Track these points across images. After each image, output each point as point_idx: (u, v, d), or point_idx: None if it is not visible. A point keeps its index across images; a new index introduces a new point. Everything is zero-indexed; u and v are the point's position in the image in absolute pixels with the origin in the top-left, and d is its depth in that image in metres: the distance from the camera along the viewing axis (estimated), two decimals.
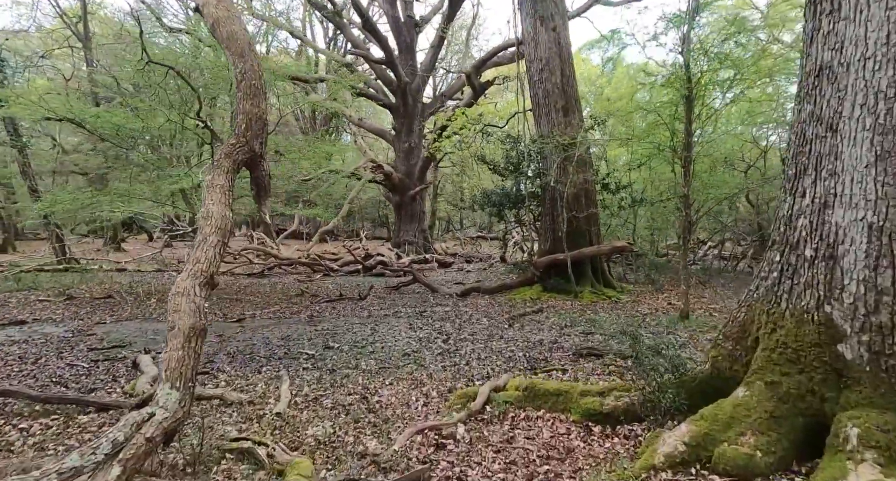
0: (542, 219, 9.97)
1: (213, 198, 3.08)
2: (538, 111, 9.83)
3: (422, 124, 21.23)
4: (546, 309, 8.07)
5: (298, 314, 7.81)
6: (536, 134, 9.86)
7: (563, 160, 9.10)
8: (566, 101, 9.53)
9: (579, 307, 8.26)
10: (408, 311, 8.06)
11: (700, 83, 6.60)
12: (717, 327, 6.75)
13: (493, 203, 10.06)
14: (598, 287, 9.26)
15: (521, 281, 9.74)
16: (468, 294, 9.79)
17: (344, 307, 8.58)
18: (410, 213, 20.66)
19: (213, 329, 6.61)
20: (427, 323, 7.08)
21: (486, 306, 8.52)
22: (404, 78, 19.14)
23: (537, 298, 8.96)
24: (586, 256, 9.13)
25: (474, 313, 7.84)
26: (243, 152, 3.43)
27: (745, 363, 2.64)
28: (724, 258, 14.59)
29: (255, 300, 9.17)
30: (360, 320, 7.33)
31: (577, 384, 3.21)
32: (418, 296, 10.07)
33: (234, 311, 7.94)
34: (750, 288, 2.83)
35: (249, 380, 4.23)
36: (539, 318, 7.35)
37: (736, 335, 2.76)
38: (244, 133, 3.46)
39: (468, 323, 7.08)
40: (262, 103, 3.55)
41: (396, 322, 7.16)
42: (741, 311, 2.81)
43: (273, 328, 6.68)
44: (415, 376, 4.38)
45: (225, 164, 3.25)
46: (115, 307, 8.02)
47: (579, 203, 9.39)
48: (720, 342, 2.84)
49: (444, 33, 18.68)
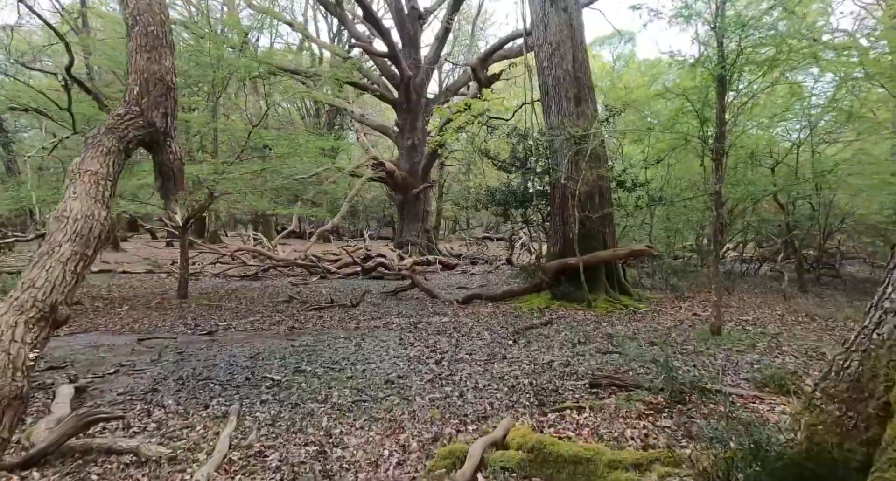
0: (551, 220, 9.08)
1: (78, 191, 2.17)
2: (547, 101, 8.94)
3: (426, 120, 20.42)
4: (556, 320, 7.19)
5: (279, 325, 7.02)
6: (545, 126, 8.98)
7: (575, 154, 8.21)
8: (578, 89, 8.63)
9: (593, 318, 7.37)
10: (401, 322, 7.23)
11: (736, 64, 5.68)
12: (755, 344, 5.85)
13: (497, 202, 9.19)
14: (613, 294, 8.36)
15: (528, 287, 8.86)
16: (470, 301, 8.95)
17: (332, 316, 7.78)
18: (414, 213, 19.84)
19: (178, 343, 5.84)
20: (421, 337, 6.24)
21: (489, 316, 7.67)
22: (407, 72, 18.32)
23: (546, 307, 8.08)
24: (601, 261, 8.23)
25: (475, 325, 6.99)
26: (136, 126, 2.54)
27: (868, 440, 1.77)
28: (745, 261, 13.61)
29: (237, 307, 8.40)
30: (345, 333, 6.51)
31: (603, 449, 2.37)
32: (416, 303, 9.25)
33: (209, 321, 7.17)
34: (865, 324, 1.95)
35: (188, 420, 3.42)
36: (548, 332, 6.48)
37: (847, 395, 1.88)
38: (137, 99, 2.58)
39: (467, 337, 6.23)
40: (166, 59, 2.63)
41: (386, 336, 6.33)
42: (852, 359, 1.93)
43: (245, 343, 5.88)
44: (394, 415, 3.54)
45: (105, 143, 2.37)
46: (77, 316, 7.28)
47: (592, 202, 8.49)
48: (819, 403, 1.96)
49: (448, 25, 17.82)
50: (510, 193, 9.04)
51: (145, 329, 6.60)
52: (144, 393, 4.00)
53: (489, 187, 10.63)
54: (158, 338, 6.07)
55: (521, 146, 8.75)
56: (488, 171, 33.07)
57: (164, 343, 5.77)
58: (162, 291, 9.89)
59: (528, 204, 9.15)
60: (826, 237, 11.25)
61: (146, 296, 9.19)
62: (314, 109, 26.03)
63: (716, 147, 6.07)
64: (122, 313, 7.56)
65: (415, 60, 19.18)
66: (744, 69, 5.78)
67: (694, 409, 3.38)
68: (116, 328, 6.58)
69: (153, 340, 5.97)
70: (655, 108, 10.53)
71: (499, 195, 9.12)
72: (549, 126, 8.79)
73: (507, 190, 9.21)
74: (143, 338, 5.97)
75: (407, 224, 19.94)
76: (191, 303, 8.64)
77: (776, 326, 6.79)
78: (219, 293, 10.14)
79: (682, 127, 7.01)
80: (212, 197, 8.66)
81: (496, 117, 11.10)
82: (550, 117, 8.82)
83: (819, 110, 9.94)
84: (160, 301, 8.62)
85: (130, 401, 3.81)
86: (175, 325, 6.81)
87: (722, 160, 6.06)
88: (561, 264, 8.41)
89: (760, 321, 7.15)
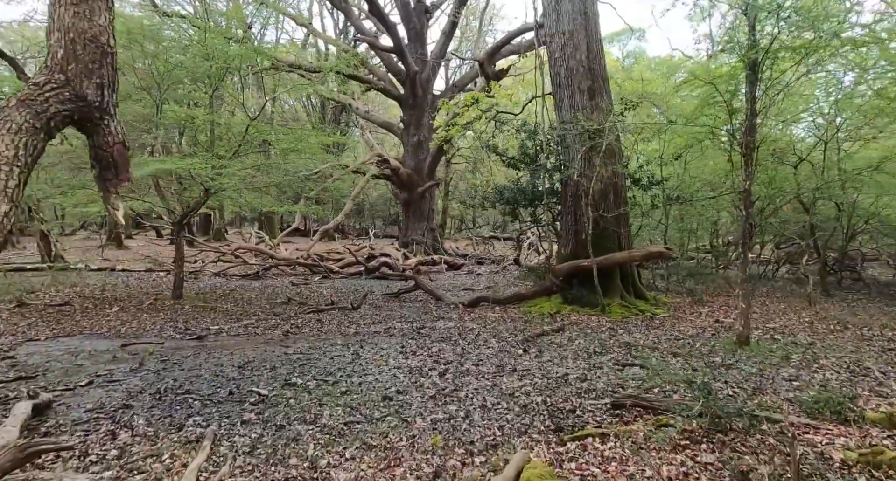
0: (562, 219, 8.62)
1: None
2: (559, 94, 8.46)
3: (432, 117, 19.98)
4: (568, 326, 6.73)
5: (274, 329, 6.62)
6: (557, 120, 8.50)
7: (589, 150, 7.74)
8: (592, 80, 8.14)
9: (608, 325, 6.90)
10: (403, 327, 6.81)
11: (769, 50, 5.18)
12: (788, 356, 5.35)
13: (506, 200, 8.73)
14: (628, 299, 7.88)
15: (538, 290, 8.41)
16: (476, 304, 8.52)
17: (331, 319, 7.37)
18: (419, 211, 19.42)
19: (164, 349, 5.45)
20: (423, 344, 5.81)
21: (497, 321, 7.22)
22: (413, 67, 17.89)
23: (557, 312, 7.62)
24: (616, 263, 7.76)
25: (482, 331, 6.55)
26: (60, 99, 2.00)
27: None
28: (765, 263, 13.06)
29: (233, 309, 8.02)
30: (343, 339, 6.10)
31: None
32: (420, 306, 8.83)
33: (201, 324, 6.79)
34: None
35: (156, 446, 3.01)
36: (560, 340, 6.02)
37: None
38: (62, 65, 2.03)
39: (473, 345, 5.79)
40: (100, 15, 2.06)
41: (387, 343, 5.91)
42: None
43: (235, 350, 5.48)
44: (391, 441, 3.12)
45: (15, 119, 1.84)
46: (63, 318, 6.93)
47: (607, 200, 8.02)
48: None
49: (455, 19, 17.35)
50: (519, 191, 8.58)
51: (132, 332, 6.23)
52: (115, 410, 3.60)
53: (497, 185, 10.17)
54: (144, 343, 5.70)
55: (532, 142, 8.28)
56: (496, 169, 32.61)
57: (150, 348, 5.38)
58: (157, 291, 9.54)
59: (537, 202, 8.69)
60: (849, 238, 10.70)
61: (139, 296, 8.84)
62: (319, 105, 25.67)
63: (745, 141, 5.58)
64: (111, 315, 7.20)
65: (421, 56, 18.74)
66: (777, 55, 5.28)
67: (738, 440, 2.92)
68: (102, 331, 6.21)
69: (138, 345, 5.59)
70: (672, 102, 10.02)
71: (507, 193, 8.66)
72: (560, 120, 8.31)
73: (516, 188, 8.75)
74: (128, 343, 5.59)
75: (412, 223, 19.53)
76: (185, 303, 8.27)
77: (807, 335, 6.29)
78: (216, 293, 9.77)
79: (707, 120, 6.51)
80: (207, 194, 8.27)
81: (505, 112, 10.65)
82: (562, 111, 8.34)
83: (845, 103, 9.37)
84: (153, 301, 8.26)
85: (97, 421, 3.41)
86: (164, 328, 6.43)
87: (752, 155, 5.57)
88: (573, 266, 7.94)
89: (789, 329, 6.64)
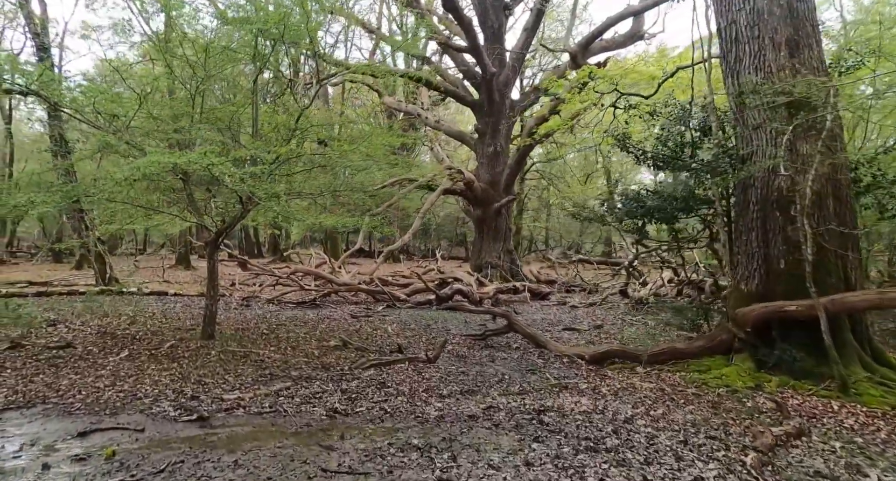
0: (738, 236, 5.76)
1: None
2: (733, 54, 5.73)
3: (510, 124, 17.69)
4: (803, 423, 3.89)
5: (316, 401, 4.37)
6: (730, 91, 5.76)
7: (794, 130, 4.94)
8: (794, 27, 5.36)
9: (864, 418, 3.98)
10: (510, 405, 4.30)
11: None
12: None
13: (647, 210, 6.04)
14: (871, 366, 4.85)
15: (706, 345, 5.57)
16: (604, 361, 5.86)
17: (399, 381, 5.04)
18: (495, 230, 16.99)
19: (137, 447, 3.35)
20: (560, 455, 3.27)
21: (658, 399, 4.51)
22: (490, 68, 15.77)
23: (755, 386, 4.75)
24: (852, 309, 4.79)
25: (650, 425, 3.88)
26: None
27: None
28: None
29: (271, 357, 5.94)
30: (420, 433, 3.69)
31: None
32: (518, 356, 6.36)
33: (217, 387, 4.70)
34: None
35: None
36: (812, 456, 3.23)
37: None
38: None
39: (657, 465, 3.16)
40: None
41: (493, 444, 3.43)
42: None
43: (244, 455, 3.25)
44: None
45: None
46: (48, 369, 5.14)
47: (824, 210, 5.11)
48: None
49: (543, 6, 15.00)
50: (668, 199, 5.84)
51: (115, 402, 4.23)
52: None
53: (626, 191, 7.47)
54: (115, 428, 3.64)
55: (687, 125, 5.62)
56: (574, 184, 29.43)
57: (110, 449, 3.28)
58: (191, 326, 7.79)
59: (693, 212, 5.93)
60: None
61: (167, 333, 7.07)
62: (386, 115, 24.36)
63: None
64: (110, 365, 5.34)
65: (499, 57, 16.63)
66: None
67: None
68: (75, 400, 4.26)
69: (106, 433, 3.54)
70: None
71: (650, 201, 5.95)
72: (738, 91, 5.57)
73: (663, 192, 6.03)
74: (88, 431, 3.55)
75: (486, 243, 17.11)
76: (214, 347, 6.33)
77: None
78: (259, 328, 7.86)
79: None
80: (245, 207, 6.38)
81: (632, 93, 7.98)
82: (741, 77, 5.59)
83: None
84: (174, 344, 6.39)
85: None
86: (161, 397, 4.38)
87: None
88: (769, 311, 5.06)
89: None
